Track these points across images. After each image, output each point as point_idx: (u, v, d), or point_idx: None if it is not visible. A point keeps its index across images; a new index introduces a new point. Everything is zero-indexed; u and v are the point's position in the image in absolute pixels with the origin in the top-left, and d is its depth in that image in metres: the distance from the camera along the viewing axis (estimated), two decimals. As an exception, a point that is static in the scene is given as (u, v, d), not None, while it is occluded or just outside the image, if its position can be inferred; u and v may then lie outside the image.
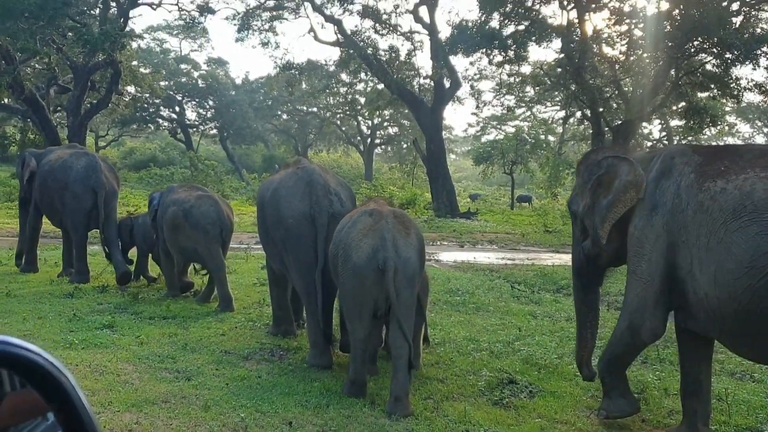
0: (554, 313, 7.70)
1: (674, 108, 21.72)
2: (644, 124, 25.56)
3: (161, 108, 39.52)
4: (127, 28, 21.29)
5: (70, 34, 19.79)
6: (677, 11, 16.31)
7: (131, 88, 26.87)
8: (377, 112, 37.15)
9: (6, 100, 22.02)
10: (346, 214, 5.10)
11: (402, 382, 4.31)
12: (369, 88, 34.67)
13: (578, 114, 25.08)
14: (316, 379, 4.92)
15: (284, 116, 45.78)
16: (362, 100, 38.33)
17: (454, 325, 6.77)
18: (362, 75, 30.25)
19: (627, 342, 4.08)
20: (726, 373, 5.43)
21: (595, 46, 18.97)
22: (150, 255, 8.97)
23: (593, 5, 17.96)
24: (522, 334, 6.50)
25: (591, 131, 21.97)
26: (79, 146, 10.29)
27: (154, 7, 22.30)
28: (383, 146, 48.81)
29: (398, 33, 24.14)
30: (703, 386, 4.07)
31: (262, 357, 5.52)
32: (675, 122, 27.74)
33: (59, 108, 24.70)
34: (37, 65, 22.08)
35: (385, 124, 45.21)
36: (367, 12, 23.18)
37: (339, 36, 24.07)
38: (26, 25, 17.83)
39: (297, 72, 26.55)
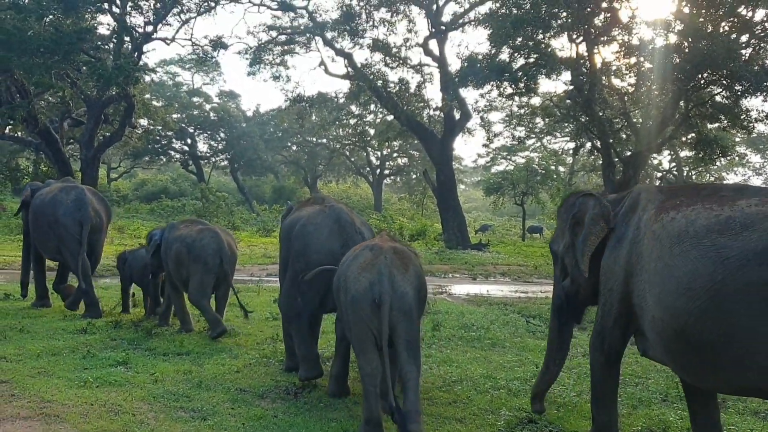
0: (570, 348, 7.57)
1: (684, 139, 21.71)
2: (654, 155, 25.52)
3: (173, 140, 40.01)
4: (141, 63, 21.59)
5: (84, 68, 20.04)
6: (686, 44, 16.39)
7: (144, 121, 27.20)
8: (387, 143, 37.36)
9: (20, 133, 22.30)
10: None
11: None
12: (379, 120, 34.94)
13: (588, 145, 25.11)
14: (333, 419, 4.86)
15: (294, 147, 46.12)
16: (372, 131, 38.58)
17: (470, 362, 6.69)
18: (372, 107, 30.57)
19: (597, 362, 4.34)
20: (750, 413, 5.32)
21: (604, 78, 19.09)
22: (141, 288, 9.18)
23: (602, 38, 18.11)
24: (539, 370, 6.40)
25: (601, 162, 21.97)
26: (71, 179, 10.44)
27: (168, 42, 22.64)
28: (392, 177, 48.99)
29: (408, 66, 24.39)
30: (716, 424, 4.14)
31: (277, 395, 5.46)
32: (685, 153, 27.76)
33: (72, 141, 24.97)
34: (51, 99, 22.32)
35: (395, 154, 45.44)
36: (377, 45, 23.46)
37: (349, 69, 24.39)
38: (41, 59, 18.12)
39: (307, 104, 26.88)
